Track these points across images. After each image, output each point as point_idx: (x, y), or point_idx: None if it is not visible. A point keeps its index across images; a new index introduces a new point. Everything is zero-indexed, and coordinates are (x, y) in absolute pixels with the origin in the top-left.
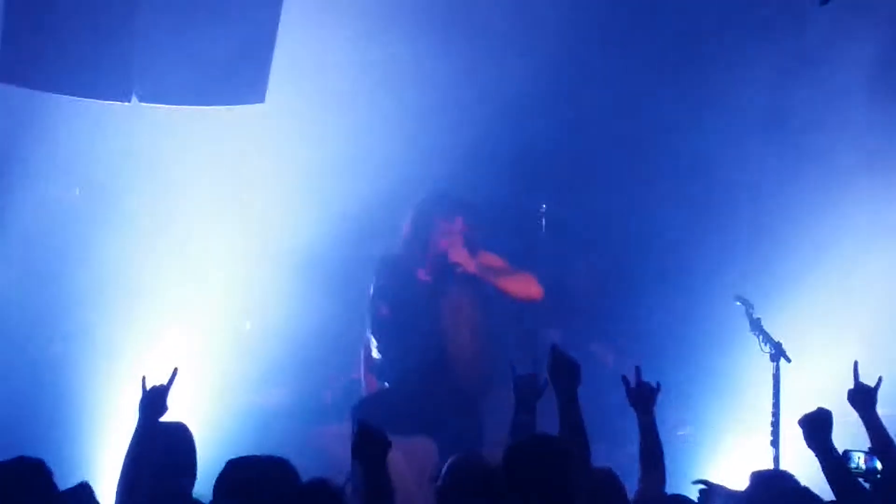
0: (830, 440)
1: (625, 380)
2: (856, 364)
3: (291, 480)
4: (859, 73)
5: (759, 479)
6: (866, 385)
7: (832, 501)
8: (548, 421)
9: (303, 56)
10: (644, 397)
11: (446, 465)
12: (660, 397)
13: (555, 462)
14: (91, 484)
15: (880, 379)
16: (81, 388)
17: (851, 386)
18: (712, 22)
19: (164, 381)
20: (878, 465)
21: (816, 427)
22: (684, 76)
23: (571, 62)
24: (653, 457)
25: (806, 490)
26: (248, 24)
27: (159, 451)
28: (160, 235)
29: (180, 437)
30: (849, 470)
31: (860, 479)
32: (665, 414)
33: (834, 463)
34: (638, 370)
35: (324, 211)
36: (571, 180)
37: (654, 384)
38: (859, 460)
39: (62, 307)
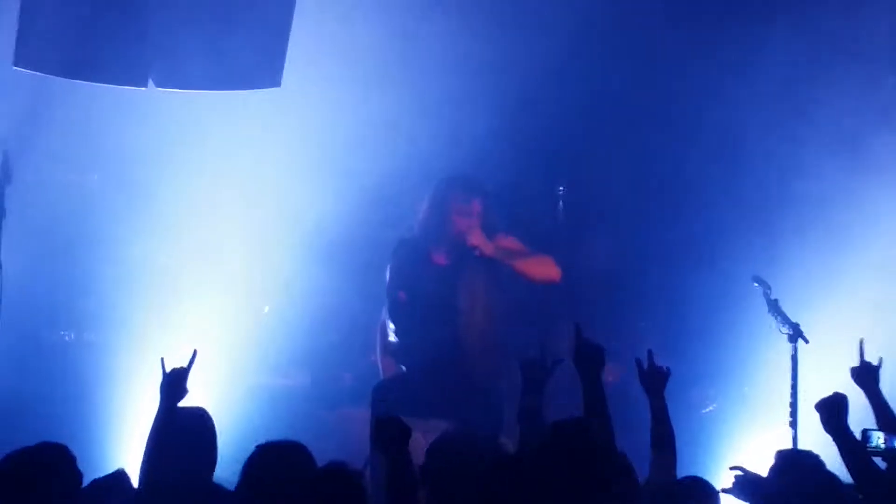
0: (846, 423)
1: (638, 363)
2: (861, 343)
3: (312, 466)
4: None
5: (784, 457)
6: (870, 363)
7: (851, 484)
8: (552, 402)
9: (320, 39)
10: (656, 381)
11: (428, 445)
12: (683, 377)
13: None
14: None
15: (881, 359)
16: (101, 372)
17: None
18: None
19: (184, 364)
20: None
21: (833, 412)
22: (708, 53)
23: (590, 43)
24: (664, 441)
25: (828, 472)
26: (264, 8)
27: (180, 436)
28: (179, 221)
29: (200, 423)
30: (865, 451)
31: (878, 458)
32: (689, 393)
33: (850, 445)
34: (650, 353)
35: (342, 195)
36: (590, 161)
37: (665, 368)
38: (879, 440)
39: (81, 292)
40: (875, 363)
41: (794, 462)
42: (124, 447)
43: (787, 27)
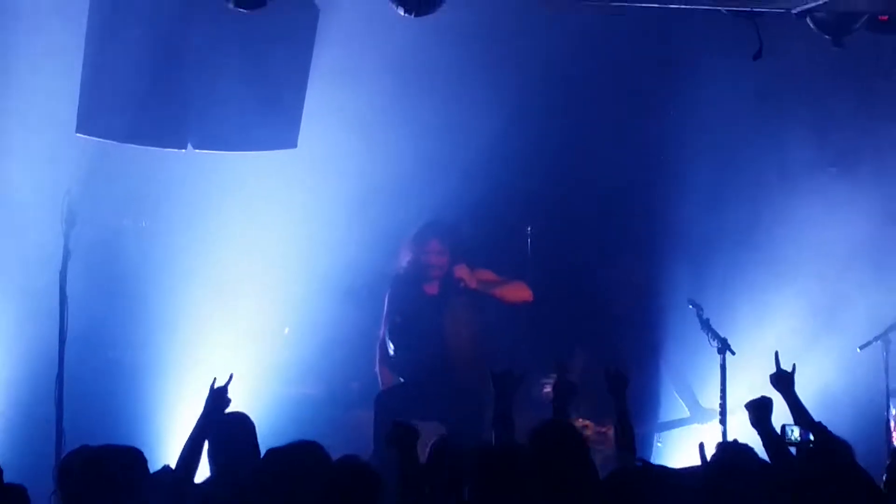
0: (770, 421)
1: (605, 370)
2: (776, 354)
3: (326, 460)
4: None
5: (724, 448)
6: (785, 370)
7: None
8: (520, 411)
9: (328, 106)
10: (618, 385)
11: (429, 446)
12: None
13: (576, 446)
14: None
15: (794, 366)
16: (148, 386)
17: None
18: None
19: (223, 382)
20: (811, 437)
21: (760, 411)
22: (641, 102)
23: (562, 91)
24: (626, 437)
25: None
26: (281, 80)
27: (229, 434)
28: (215, 260)
29: (244, 424)
30: (783, 442)
31: (793, 448)
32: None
33: (772, 438)
34: (615, 364)
35: (349, 238)
36: (552, 207)
37: (625, 375)
38: (794, 434)
39: (132, 319)
40: (789, 370)
41: (730, 449)
42: (167, 450)
43: (728, 68)
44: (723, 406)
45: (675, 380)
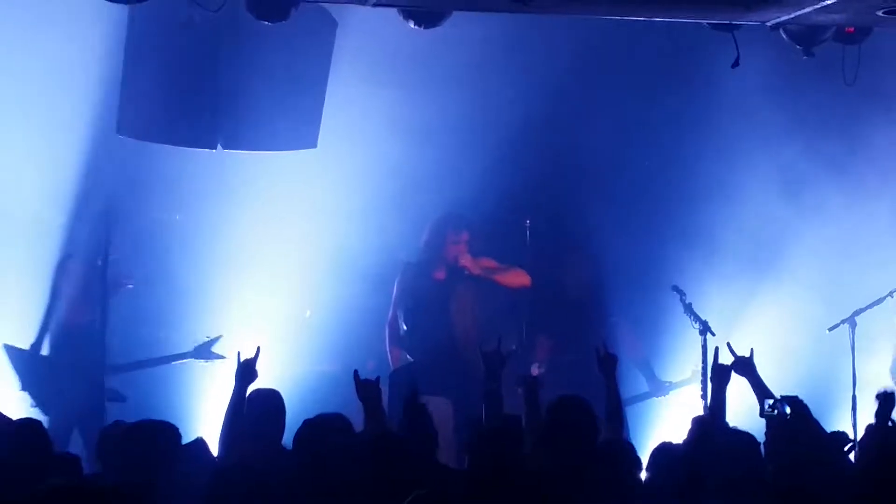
0: (756, 370)
1: (595, 350)
2: (728, 344)
3: (352, 430)
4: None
5: (699, 420)
6: (743, 357)
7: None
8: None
9: (345, 107)
10: (608, 364)
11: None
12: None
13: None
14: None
15: (752, 350)
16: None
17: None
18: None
19: (251, 356)
20: (787, 410)
21: (746, 367)
22: (643, 103)
23: (558, 100)
24: (615, 411)
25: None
26: (302, 86)
27: (259, 410)
28: (243, 249)
29: (274, 400)
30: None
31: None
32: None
33: (757, 381)
34: (604, 344)
35: (365, 229)
36: (549, 201)
37: (615, 355)
38: (767, 406)
39: (167, 301)
40: (747, 355)
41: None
42: (201, 420)
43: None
44: (703, 382)
45: (633, 356)
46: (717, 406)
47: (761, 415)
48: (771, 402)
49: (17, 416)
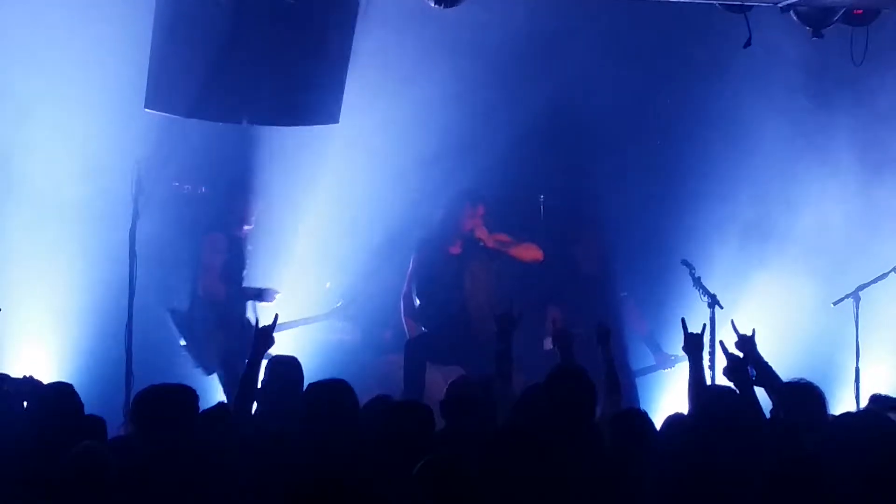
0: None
1: (599, 328)
2: (732, 322)
3: (354, 396)
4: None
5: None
6: (745, 334)
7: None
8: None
9: (367, 85)
10: (604, 338)
11: (448, 384)
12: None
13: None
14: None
15: (754, 330)
16: None
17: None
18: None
19: (269, 323)
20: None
21: (748, 345)
22: (650, 90)
23: (567, 95)
24: (613, 384)
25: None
26: (325, 64)
27: (280, 375)
28: (265, 221)
29: (294, 366)
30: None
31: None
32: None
33: (762, 363)
34: (603, 321)
35: (384, 204)
36: (563, 177)
37: (607, 327)
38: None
39: (187, 272)
40: (749, 333)
41: (719, 390)
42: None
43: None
44: (712, 353)
45: (639, 331)
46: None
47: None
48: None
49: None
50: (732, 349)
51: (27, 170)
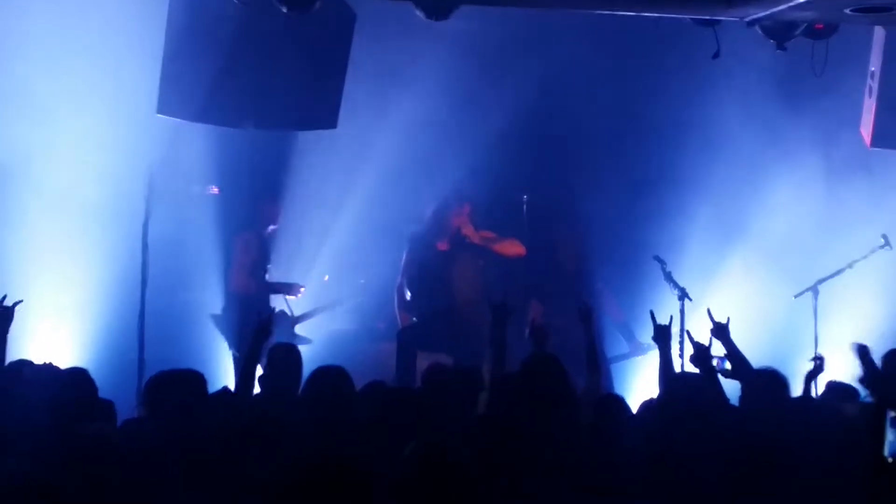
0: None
1: (579, 306)
2: (708, 310)
3: (351, 382)
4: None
5: (679, 376)
6: (720, 322)
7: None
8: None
9: (361, 93)
10: (587, 317)
11: (422, 372)
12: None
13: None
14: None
15: (728, 318)
16: (205, 319)
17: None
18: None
19: (267, 315)
20: (727, 366)
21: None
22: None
23: (559, 89)
24: (593, 360)
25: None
26: (324, 72)
27: (279, 361)
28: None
29: (292, 353)
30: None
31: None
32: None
33: (732, 349)
34: (585, 302)
35: (378, 203)
36: (545, 178)
37: (591, 306)
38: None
39: (201, 266)
40: (724, 321)
41: (685, 376)
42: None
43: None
44: (681, 342)
45: (615, 320)
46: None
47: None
48: (714, 360)
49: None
50: (699, 338)
51: (47, 169)
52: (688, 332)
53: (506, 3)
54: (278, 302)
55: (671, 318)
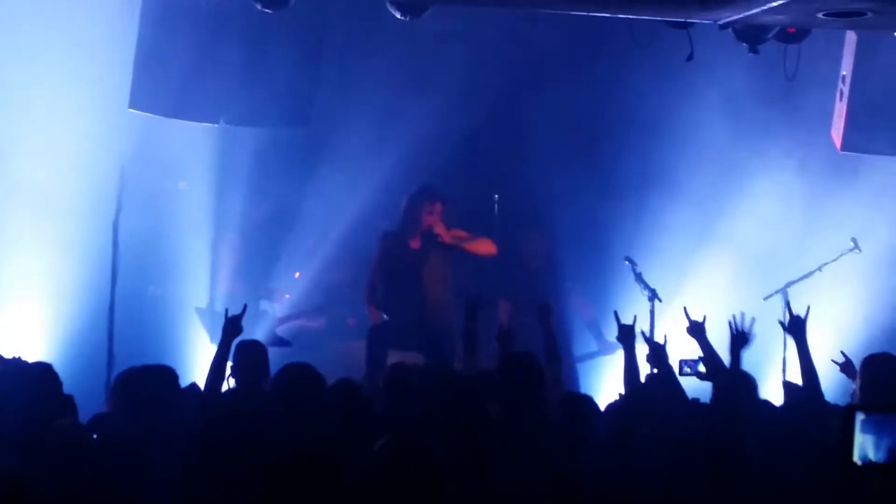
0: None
1: (535, 305)
2: (685, 309)
3: (321, 381)
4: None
5: (652, 376)
6: (696, 321)
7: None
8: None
9: (334, 90)
10: (545, 315)
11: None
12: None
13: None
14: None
15: (704, 316)
16: (183, 316)
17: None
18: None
19: (238, 313)
20: (701, 369)
21: (698, 331)
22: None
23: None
24: (552, 352)
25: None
26: (297, 70)
27: (246, 359)
28: (240, 215)
29: (259, 350)
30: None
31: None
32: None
33: (709, 351)
34: (544, 301)
35: (348, 200)
36: (516, 179)
37: (548, 304)
38: (686, 368)
39: (171, 261)
40: (700, 320)
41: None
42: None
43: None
44: (650, 344)
45: (584, 319)
46: (629, 360)
47: (679, 373)
48: (689, 363)
49: None
50: (657, 338)
51: (17, 162)
52: (643, 332)
53: (478, 4)
54: (263, 303)
55: (635, 318)
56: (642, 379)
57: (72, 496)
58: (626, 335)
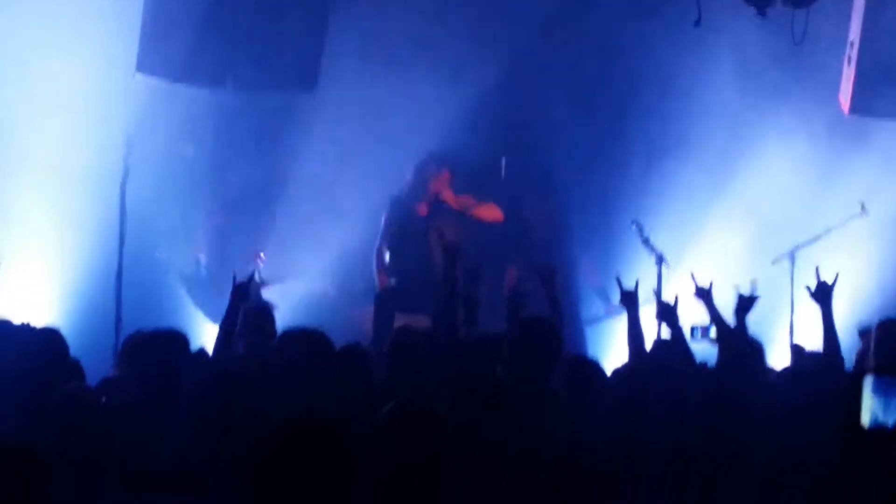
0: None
1: (536, 268)
2: (692, 273)
3: (330, 345)
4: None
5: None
6: (702, 287)
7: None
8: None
9: (341, 56)
10: (548, 275)
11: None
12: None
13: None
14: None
15: (711, 282)
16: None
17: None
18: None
19: (245, 279)
20: (712, 334)
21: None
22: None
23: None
24: (554, 318)
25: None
26: (304, 34)
27: (254, 322)
28: (247, 181)
29: (267, 316)
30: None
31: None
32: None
33: (715, 313)
34: (546, 263)
35: (357, 166)
36: (524, 142)
37: (550, 266)
38: (698, 333)
39: (178, 226)
40: (706, 286)
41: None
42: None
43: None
44: (658, 307)
45: (591, 283)
46: (632, 324)
47: (690, 339)
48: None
49: None
50: (666, 298)
51: (22, 129)
52: (655, 293)
53: None
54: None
55: (637, 282)
56: (648, 344)
57: (79, 459)
58: (629, 300)
